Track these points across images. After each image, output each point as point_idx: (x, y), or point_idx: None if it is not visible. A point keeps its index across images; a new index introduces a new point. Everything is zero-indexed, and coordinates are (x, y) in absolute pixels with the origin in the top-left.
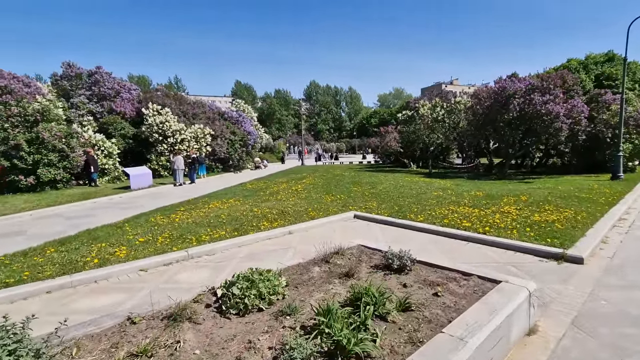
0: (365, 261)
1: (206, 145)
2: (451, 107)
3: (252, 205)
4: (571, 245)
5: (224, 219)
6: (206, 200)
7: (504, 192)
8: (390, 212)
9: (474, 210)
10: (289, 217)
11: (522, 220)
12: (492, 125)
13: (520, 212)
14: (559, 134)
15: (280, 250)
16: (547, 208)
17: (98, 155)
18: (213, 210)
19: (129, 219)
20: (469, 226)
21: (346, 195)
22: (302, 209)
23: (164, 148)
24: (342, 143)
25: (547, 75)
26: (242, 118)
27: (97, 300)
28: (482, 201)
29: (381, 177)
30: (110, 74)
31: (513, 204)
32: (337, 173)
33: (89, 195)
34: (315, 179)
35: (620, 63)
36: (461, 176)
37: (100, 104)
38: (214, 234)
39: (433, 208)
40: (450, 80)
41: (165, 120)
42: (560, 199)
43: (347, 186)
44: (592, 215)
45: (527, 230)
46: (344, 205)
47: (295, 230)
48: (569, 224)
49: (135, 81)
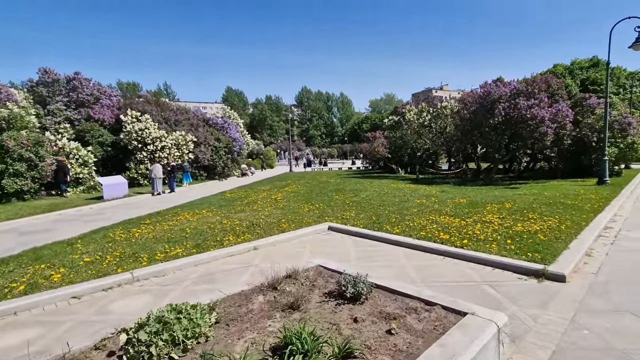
0: (320, 286)
1: (188, 153)
2: (437, 112)
3: (224, 217)
4: (553, 260)
5: (187, 234)
6: (177, 211)
7: (488, 199)
8: (367, 222)
9: (454, 220)
10: (258, 230)
11: (503, 231)
12: (479, 130)
13: (503, 222)
14: (544, 138)
15: (239, 270)
16: (530, 216)
17: (72, 164)
18: (180, 222)
19: (87, 234)
20: (447, 239)
21: (326, 204)
22: (275, 220)
23: (144, 156)
24: (333, 149)
25: (532, 80)
26: (227, 124)
27: (2, 339)
28: (465, 209)
29: (366, 184)
30: (90, 80)
31: (496, 212)
32: (322, 180)
33: (56, 207)
34: (298, 186)
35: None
36: (448, 182)
37: (77, 111)
38: (172, 251)
39: (412, 218)
40: (440, 86)
41: (145, 127)
42: (545, 206)
43: (329, 194)
44: (577, 224)
45: (508, 242)
46: (320, 215)
47: (261, 245)
48: (552, 234)
49: (124, 88)
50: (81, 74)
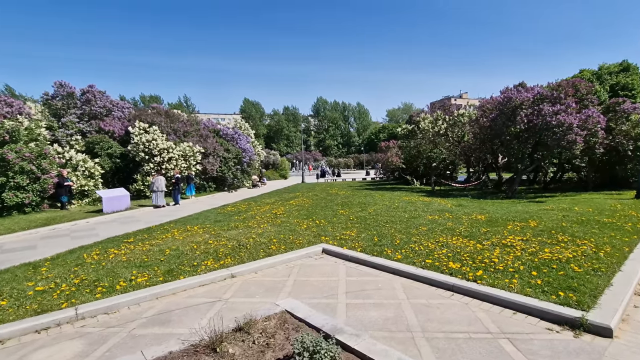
0: (276, 347)
1: (196, 164)
2: (454, 120)
3: (213, 235)
4: (593, 302)
5: (165, 256)
6: (167, 228)
7: (509, 216)
8: (368, 244)
9: (469, 242)
10: (243, 252)
11: (527, 258)
12: (499, 139)
13: (527, 246)
14: (572, 147)
15: (204, 306)
16: (560, 239)
17: (78, 176)
18: (164, 241)
19: (62, 254)
20: (457, 269)
21: (328, 220)
22: (266, 240)
23: (151, 167)
24: (350, 159)
25: (557, 84)
26: (237, 135)
27: None
28: (482, 228)
29: (377, 196)
30: (104, 93)
31: (519, 232)
32: (332, 192)
33: (52, 221)
34: (305, 199)
35: (636, 72)
36: (466, 195)
37: (89, 123)
38: (138, 278)
39: (420, 239)
40: (459, 94)
41: (152, 138)
42: (577, 226)
43: (334, 208)
44: (619, 250)
45: (534, 275)
46: (318, 234)
47: (241, 272)
48: (588, 264)
49: (146, 101)
50: (95, 87)
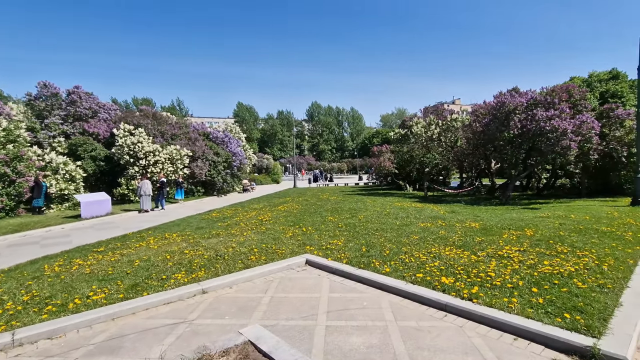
0: None
1: (183, 168)
2: (447, 125)
3: (191, 244)
4: (603, 326)
5: (133, 267)
6: (144, 235)
7: (505, 223)
8: (355, 255)
9: (463, 253)
10: (220, 263)
11: (526, 272)
12: (492, 144)
13: (525, 257)
14: (567, 152)
15: (164, 330)
16: (559, 249)
17: (58, 179)
18: (137, 251)
19: (22, 265)
20: (451, 284)
21: (315, 227)
22: (246, 249)
23: (136, 171)
24: (343, 163)
25: (551, 89)
26: (228, 138)
27: None
28: (476, 237)
29: (368, 202)
30: (90, 94)
31: (515, 242)
32: (323, 197)
33: (25, 227)
34: (295, 204)
35: (625, 80)
36: (459, 201)
37: (73, 125)
38: (98, 293)
39: (411, 250)
40: (452, 100)
41: (137, 141)
42: (575, 235)
43: (323, 214)
44: (623, 262)
45: (534, 291)
46: (303, 243)
47: (213, 287)
48: (592, 278)
49: (139, 103)
50: (81, 88)
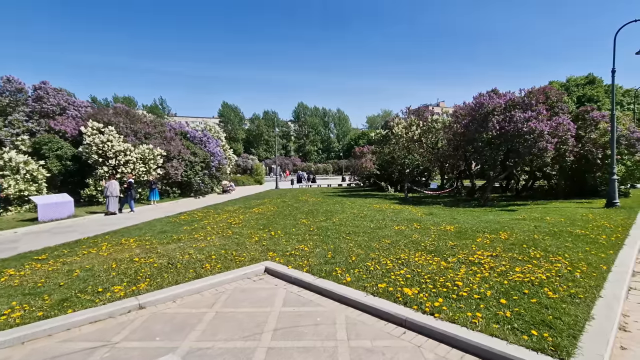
0: None
1: (157, 168)
2: (428, 126)
3: (146, 250)
4: (573, 346)
5: (69, 279)
6: (98, 241)
7: (480, 226)
8: (319, 261)
9: (433, 259)
10: (170, 272)
11: (496, 280)
12: (472, 145)
13: (496, 263)
14: (544, 154)
15: (78, 356)
16: (532, 254)
17: (17, 180)
18: (82, 258)
19: None
20: (413, 296)
21: (285, 231)
22: (203, 256)
23: (105, 171)
24: (329, 164)
25: (529, 91)
26: (206, 138)
27: None
28: (450, 241)
29: (347, 203)
30: (60, 90)
31: (488, 246)
32: (302, 199)
33: None
34: (271, 206)
35: (601, 85)
36: (439, 202)
37: (38, 122)
38: (19, 310)
39: (379, 255)
40: (437, 103)
41: (107, 139)
42: (549, 238)
43: (297, 217)
44: (595, 267)
45: (502, 303)
46: (267, 249)
47: (154, 301)
48: (564, 287)
49: (120, 102)
50: (48, 83)
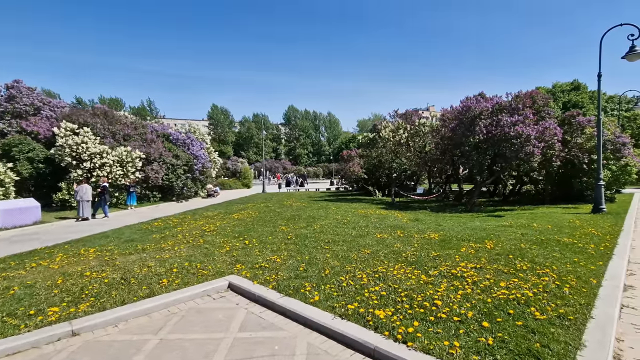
0: None
1: (135, 171)
2: (415, 130)
3: (103, 262)
4: None
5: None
6: (54, 251)
7: (465, 234)
8: (289, 276)
9: (412, 273)
10: (120, 290)
11: (479, 298)
12: (460, 149)
13: (480, 277)
14: (530, 159)
15: None
16: (519, 266)
17: None
18: (28, 272)
19: None
20: (386, 319)
21: (261, 239)
22: (164, 269)
23: (79, 174)
24: (319, 168)
25: (516, 95)
26: (190, 140)
27: None
28: (433, 251)
29: (332, 209)
30: (34, 90)
31: (473, 257)
32: (287, 203)
33: None
34: (252, 211)
35: (586, 91)
36: (426, 207)
37: (9, 123)
38: None
39: (355, 268)
40: (426, 107)
41: (82, 141)
42: (536, 247)
43: (277, 223)
44: (585, 281)
45: (484, 326)
46: (237, 260)
47: (90, 326)
48: (552, 306)
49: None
50: (22, 82)
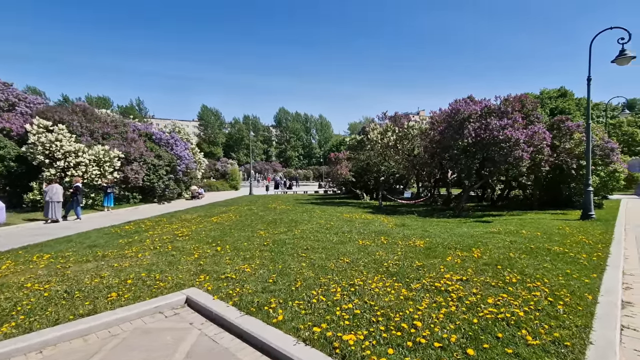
0: None
1: (113, 171)
2: (404, 132)
3: (51, 271)
4: None
5: None
6: (3, 258)
7: (452, 241)
8: (255, 289)
9: (392, 286)
10: (57, 306)
11: (463, 318)
12: (448, 153)
13: (466, 292)
14: (519, 163)
15: None
16: (507, 278)
17: None
18: None
19: None
20: (357, 345)
21: (235, 245)
22: (118, 280)
23: (52, 173)
24: (310, 170)
25: (505, 98)
26: (174, 140)
27: None
28: (416, 261)
29: (317, 212)
30: (10, 85)
31: (459, 267)
32: (271, 206)
33: None
34: (233, 214)
35: (572, 98)
36: (414, 212)
37: None
38: None
39: (330, 281)
40: (417, 111)
41: (56, 139)
42: (526, 257)
43: (256, 228)
44: (580, 297)
45: (469, 355)
46: (202, 270)
47: (8, 353)
48: (546, 326)
49: (93, 102)
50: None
